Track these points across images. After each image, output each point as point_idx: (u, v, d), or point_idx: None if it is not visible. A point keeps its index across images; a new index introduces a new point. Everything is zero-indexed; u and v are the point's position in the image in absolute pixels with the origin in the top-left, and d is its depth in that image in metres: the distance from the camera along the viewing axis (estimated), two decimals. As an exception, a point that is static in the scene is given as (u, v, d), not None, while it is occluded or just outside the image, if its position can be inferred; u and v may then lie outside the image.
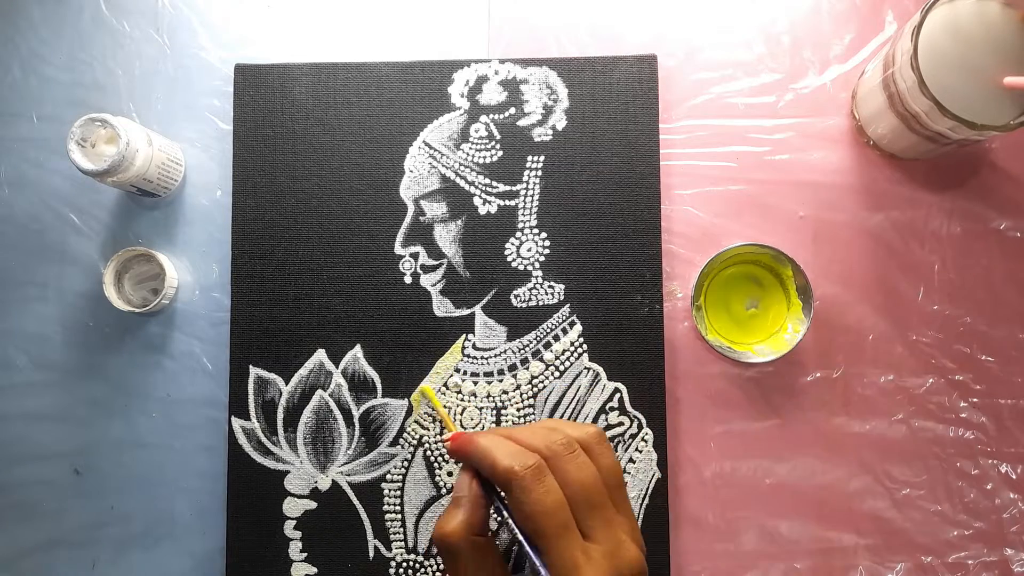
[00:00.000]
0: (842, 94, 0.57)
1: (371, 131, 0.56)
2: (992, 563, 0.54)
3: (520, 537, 0.41)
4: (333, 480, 0.54)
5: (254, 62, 0.57)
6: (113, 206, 0.58)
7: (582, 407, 0.54)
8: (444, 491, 0.54)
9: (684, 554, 0.54)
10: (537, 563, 0.39)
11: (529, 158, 0.56)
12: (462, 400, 0.55)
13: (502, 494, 0.44)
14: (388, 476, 0.54)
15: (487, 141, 0.56)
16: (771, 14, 0.58)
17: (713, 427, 0.55)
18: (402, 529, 0.54)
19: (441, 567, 0.53)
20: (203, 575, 0.55)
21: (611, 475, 0.42)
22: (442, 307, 0.55)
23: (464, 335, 0.55)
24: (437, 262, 0.55)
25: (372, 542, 0.54)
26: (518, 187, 0.56)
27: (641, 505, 0.53)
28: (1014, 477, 0.55)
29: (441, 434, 0.54)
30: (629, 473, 0.54)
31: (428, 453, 0.54)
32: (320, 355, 0.55)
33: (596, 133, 0.56)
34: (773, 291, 0.55)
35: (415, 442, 0.54)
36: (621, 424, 0.54)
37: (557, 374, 0.55)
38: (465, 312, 0.55)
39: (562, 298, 0.55)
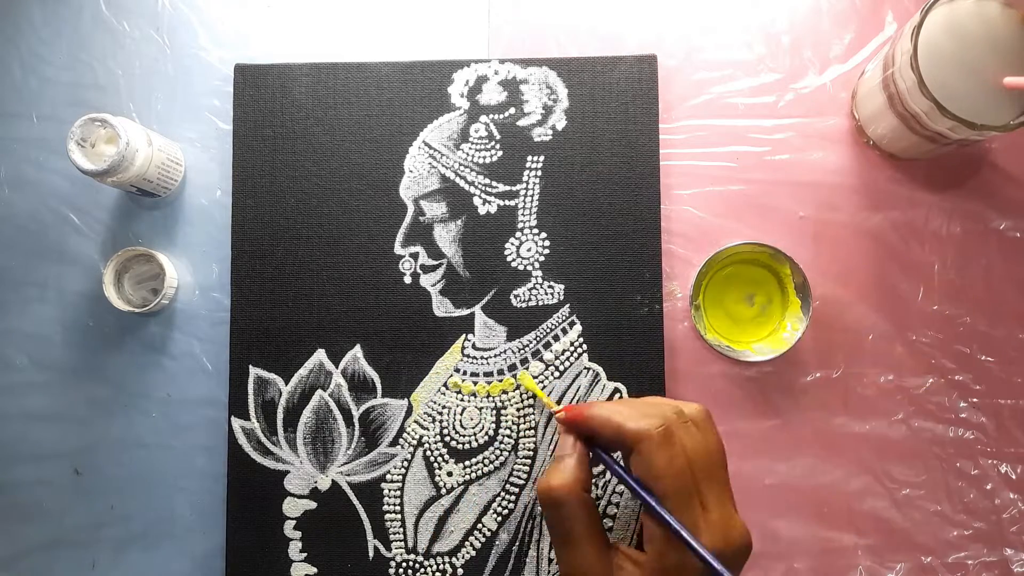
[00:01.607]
0: (842, 94, 0.57)
1: (371, 131, 0.56)
2: (992, 563, 0.54)
3: (644, 495, 0.41)
4: (333, 480, 0.54)
5: (254, 62, 0.57)
6: (113, 206, 0.58)
7: (582, 407, 0.54)
8: (444, 491, 0.54)
9: (684, 554, 0.54)
10: (667, 517, 0.40)
11: (529, 158, 0.56)
12: (462, 400, 0.55)
13: (615, 457, 0.46)
14: (388, 476, 0.54)
15: (487, 141, 0.56)
16: (771, 14, 0.58)
17: (713, 427, 0.55)
18: (402, 529, 0.54)
19: (441, 567, 0.54)
20: (203, 575, 0.55)
21: (718, 452, 0.42)
22: (442, 307, 0.55)
23: (464, 335, 0.55)
24: (437, 262, 0.55)
25: (372, 542, 0.54)
26: (518, 187, 0.56)
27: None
28: (1014, 477, 0.55)
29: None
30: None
31: (428, 453, 0.54)
32: (320, 355, 0.55)
33: (596, 133, 0.56)
34: (771, 290, 0.55)
35: (415, 442, 0.54)
36: (621, 424, 0.54)
37: (557, 374, 0.55)
38: (465, 312, 0.55)
39: (562, 298, 0.55)
